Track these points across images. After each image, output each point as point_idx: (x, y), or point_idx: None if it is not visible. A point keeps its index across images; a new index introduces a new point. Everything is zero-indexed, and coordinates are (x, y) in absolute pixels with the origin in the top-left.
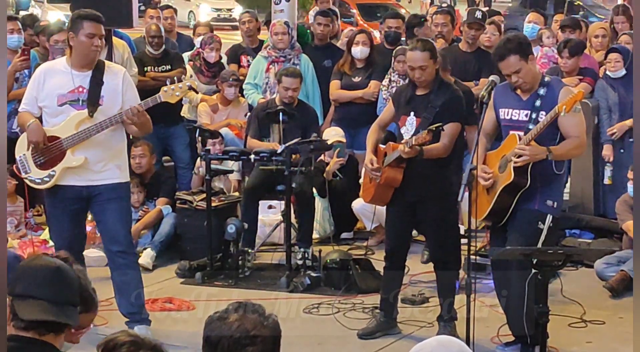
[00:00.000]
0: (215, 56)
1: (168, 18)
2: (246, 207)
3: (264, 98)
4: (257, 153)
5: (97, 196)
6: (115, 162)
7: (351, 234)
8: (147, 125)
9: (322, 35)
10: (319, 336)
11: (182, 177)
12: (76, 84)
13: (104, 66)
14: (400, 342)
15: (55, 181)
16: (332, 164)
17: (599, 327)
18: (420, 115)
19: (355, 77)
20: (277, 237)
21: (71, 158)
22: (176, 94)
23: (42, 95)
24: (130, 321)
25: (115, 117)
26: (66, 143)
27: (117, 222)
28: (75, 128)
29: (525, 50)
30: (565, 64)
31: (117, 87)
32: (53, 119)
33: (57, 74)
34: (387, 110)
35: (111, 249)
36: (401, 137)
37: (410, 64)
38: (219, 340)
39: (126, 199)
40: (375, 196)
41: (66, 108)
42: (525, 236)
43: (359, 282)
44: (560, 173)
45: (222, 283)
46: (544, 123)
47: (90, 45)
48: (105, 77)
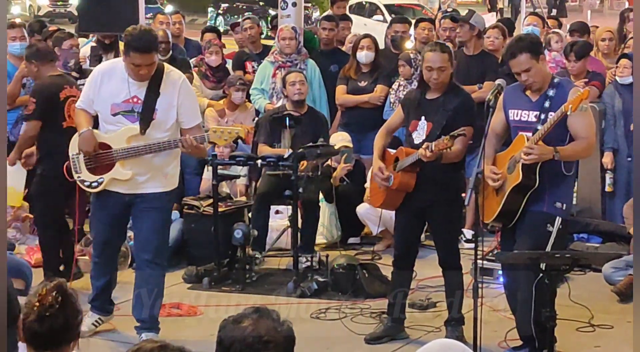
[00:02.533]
0: (216, 59)
1: (176, 23)
2: (257, 213)
3: (271, 103)
4: (264, 158)
5: (140, 202)
6: (163, 171)
7: (358, 239)
8: (202, 153)
9: (327, 40)
10: (326, 341)
11: (189, 182)
12: (132, 94)
13: (163, 73)
14: (407, 347)
15: (102, 188)
16: (339, 170)
17: (607, 332)
18: (432, 119)
19: (361, 82)
20: (285, 242)
21: (120, 171)
22: (224, 139)
23: (97, 99)
24: (141, 327)
25: (164, 144)
26: (116, 155)
27: (152, 231)
28: (126, 142)
29: (536, 50)
30: (572, 66)
31: (172, 100)
32: (107, 126)
33: (113, 79)
34: (396, 115)
35: (141, 256)
36: (410, 141)
37: (430, 65)
38: (232, 343)
39: (166, 209)
40: (386, 201)
41: (119, 118)
42: (533, 238)
43: (366, 287)
44: (569, 174)
45: (229, 288)
46: (551, 122)
47: (136, 73)
48: (162, 87)
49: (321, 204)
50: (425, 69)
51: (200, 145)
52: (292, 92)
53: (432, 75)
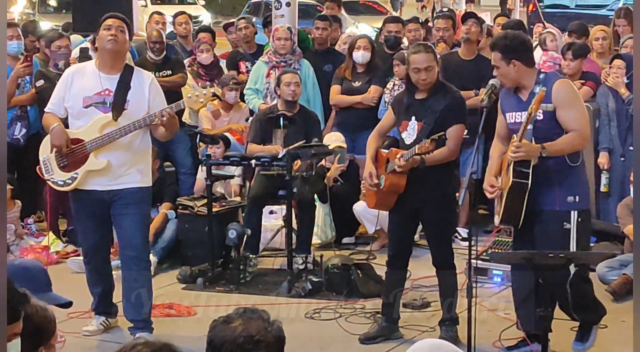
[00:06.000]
0: (207, 57)
1: (182, 23)
2: (250, 214)
3: (265, 103)
4: (258, 158)
5: (118, 200)
6: (137, 167)
7: (352, 239)
8: (175, 126)
9: (321, 40)
10: (320, 341)
11: (183, 182)
12: (103, 86)
13: (133, 71)
14: (401, 346)
15: (77, 183)
16: (333, 170)
17: (602, 331)
18: (422, 119)
19: (356, 82)
20: (279, 242)
21: (94, 161)
22: (200, 101)
23: (68, 96)
24: (134, 327)
25: (139, 122)
26: (89, 146)
27: (135, 227)
28: (99, 131)
29: (509, 52)
30: (568, 66)
31: (143, 92)
32: (77, 121)
33: (85, 76)
34: (387, 117)
35: (126, 253)
36: (403, 141)
37: (416, 66)
38: (223, 344)
39: (146, 204)
40: (379, 202)
41: (91, 110)
42: (553, 239)
43: (361, 287)
44: (576, 165)
45: (223, 288)
46: (524, 124)
47: (106, 36)
48: (133, 82)
49: (315, 204)
50: (412, 71)
51: (175, 116)
52: (286, 92)
53: (420, 76)
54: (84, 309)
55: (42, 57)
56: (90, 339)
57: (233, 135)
